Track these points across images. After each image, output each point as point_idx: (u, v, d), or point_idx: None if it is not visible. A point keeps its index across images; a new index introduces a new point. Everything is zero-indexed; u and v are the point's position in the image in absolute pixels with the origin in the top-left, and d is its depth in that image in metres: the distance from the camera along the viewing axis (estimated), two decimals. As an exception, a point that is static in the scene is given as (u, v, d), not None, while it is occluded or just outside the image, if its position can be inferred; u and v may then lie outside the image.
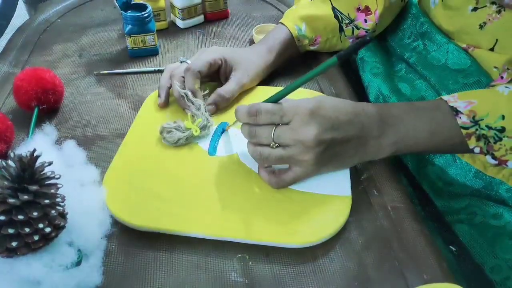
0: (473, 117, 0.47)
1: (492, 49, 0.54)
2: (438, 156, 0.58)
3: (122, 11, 0.75)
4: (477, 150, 0.48)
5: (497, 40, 0.53)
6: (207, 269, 0.44)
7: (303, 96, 0.65)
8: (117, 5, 0.76)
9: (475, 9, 0.53)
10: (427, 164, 0.59)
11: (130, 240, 0.46)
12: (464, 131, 0.47)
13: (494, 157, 0.48)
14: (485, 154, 0.48)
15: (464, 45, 0.57)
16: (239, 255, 0.45)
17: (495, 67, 0.54)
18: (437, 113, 0.49)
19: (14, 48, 0.80)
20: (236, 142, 0.57)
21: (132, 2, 0.76)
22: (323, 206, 0.48)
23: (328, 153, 0.47)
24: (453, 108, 0.48)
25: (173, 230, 0.46)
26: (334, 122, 0.46)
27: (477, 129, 0.47)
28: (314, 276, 0.43)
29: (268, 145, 0.48)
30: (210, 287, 0.42)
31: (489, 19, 0.53)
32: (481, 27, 0.53)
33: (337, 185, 0.50)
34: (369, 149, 0.49)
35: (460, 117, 0.47)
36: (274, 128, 0.47)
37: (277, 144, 0.47)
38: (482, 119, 0.46)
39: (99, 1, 0.99)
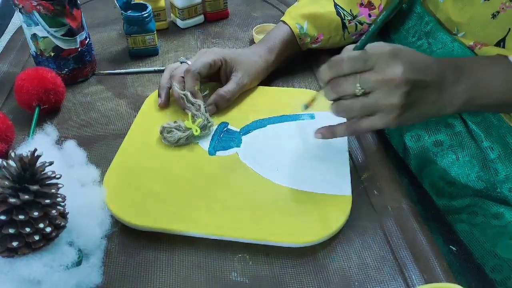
0: None
1: (503, 39, 0.54)
2: (441, 156, 0.58)
3: (122, 11, 0.75)
4: None
5: (510, 29, 0.53)
6: (207, 269, 0.44)
7: (304, 97, 0.65)
8: (117, 5, 0.76)
9: None
10: (430, 164, 0.59)
11: (130, 240, 0.46)
12: None
13: None
14: None
15: (470, 43, 0.56)
16: (239, 255, 0.45)
17: None
18: (508, 63, 0.49)
19: (14, 48, 0.80)
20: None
21: (132, 2, 0.76)
22: (323, 205, 0.48)
23: (411, 97, 0.46)
24: None
25: (173, 230, 0.46)
26: (415, 64, 0.46)
27: None
28: (314, 276, 0.43)
29: (353, 97, 0.47)
30: (210, 287, 0.42)
31: (503, 8, 0.52)
32: (494, 16, 0.53)
33: (337, 184, 0.50)
34: (445, 96, 0.48)
35: None
36: (358, 75, 0.46)
37: (363, 90, 0.46)
38: None
39: (99, 1, 0.99)
